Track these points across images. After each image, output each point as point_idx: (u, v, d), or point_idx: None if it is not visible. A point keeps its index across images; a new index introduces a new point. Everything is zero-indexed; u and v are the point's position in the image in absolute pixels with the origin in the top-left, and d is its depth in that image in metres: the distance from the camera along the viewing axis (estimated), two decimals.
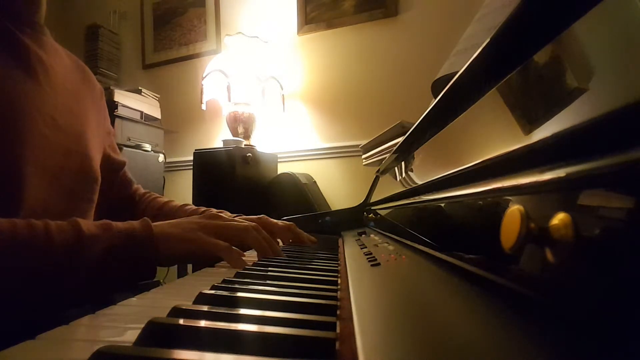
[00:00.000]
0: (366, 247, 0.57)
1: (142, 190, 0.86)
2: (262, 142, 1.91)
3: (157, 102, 2.02)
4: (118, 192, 0.80)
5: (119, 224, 0.46)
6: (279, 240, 0.74)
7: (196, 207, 0.82)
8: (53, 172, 0.56)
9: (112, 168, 0.76)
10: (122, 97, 1.77)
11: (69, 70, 0.66)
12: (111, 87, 1.75)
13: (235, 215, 0.76)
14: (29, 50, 0.56)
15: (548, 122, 0.19)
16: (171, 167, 2.15)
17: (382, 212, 0.77)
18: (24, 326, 0.30)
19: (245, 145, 1.70)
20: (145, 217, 0.48)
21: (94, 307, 0.30)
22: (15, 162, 0.50)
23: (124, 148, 1.68)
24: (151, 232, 0.46)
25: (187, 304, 0.26)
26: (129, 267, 0.44)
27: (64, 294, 0.41)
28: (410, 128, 0.57)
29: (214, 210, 0.80)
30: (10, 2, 0.56)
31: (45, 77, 0.57)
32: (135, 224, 0.47)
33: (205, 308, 0.26)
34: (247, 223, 0.56)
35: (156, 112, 2.00)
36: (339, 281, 0.37)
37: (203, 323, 0.22)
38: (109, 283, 0.43)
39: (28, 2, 0.58)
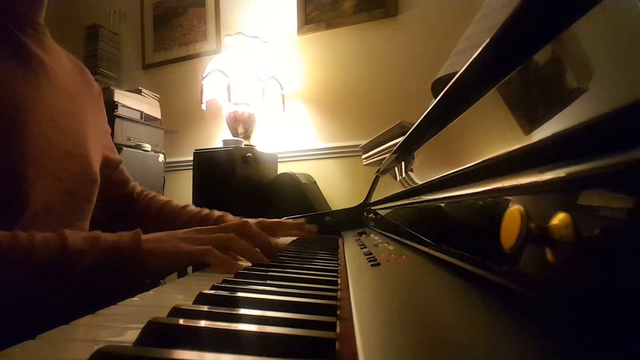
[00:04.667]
0: (366, 247, 0.57)
1: (139, 188, 0.86)
2: (262, 142, 1.91)
3: (157, 102, 2.02)
4: (116, 191, 0.80)
5: (108, 237, 0.45)
6: (278, 240, 0.73)
7: (198, 209, 0.81)
8: (55, 174, 0.55)
9: (110, 168, 0.77)
10: (122, 97, 1.77)
11: (69, 71, 0.66)
12: (111, 87, 1.75)
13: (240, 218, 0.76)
14: (30, 52, 0.56)
15: (548, 122, 0.19)
16: (171, 167, 2.15)
17: (382, 212, 0.77)
18: (24, 326, 0.30)
19: (245, 145, 1.70)
20: (137, 230, 0.47)
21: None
22: (19, 164, 0.50)
23: (124, 148, 1.68)
24: (139, 247, 0.45)
25: (187, 304, 0.26)
26: (116, 282, 0.43)
27: (52, 307, 0.40)
28: (410, 128, 0.57)
29: (217, 213, 0.80)
30: (14, 3, 0.55)
31: (46, 79, 0.57)
32: (125, 237, 0.45)
33: (205, 308, 0.26)
34: (231, 234, 0.52)
35: (156, 112, 2.00)
36: (339, 281, 0.37)
37: (203, 323, 0.22)
38: (97, 295, 0.42)
39: (32, 2, 0.57)
